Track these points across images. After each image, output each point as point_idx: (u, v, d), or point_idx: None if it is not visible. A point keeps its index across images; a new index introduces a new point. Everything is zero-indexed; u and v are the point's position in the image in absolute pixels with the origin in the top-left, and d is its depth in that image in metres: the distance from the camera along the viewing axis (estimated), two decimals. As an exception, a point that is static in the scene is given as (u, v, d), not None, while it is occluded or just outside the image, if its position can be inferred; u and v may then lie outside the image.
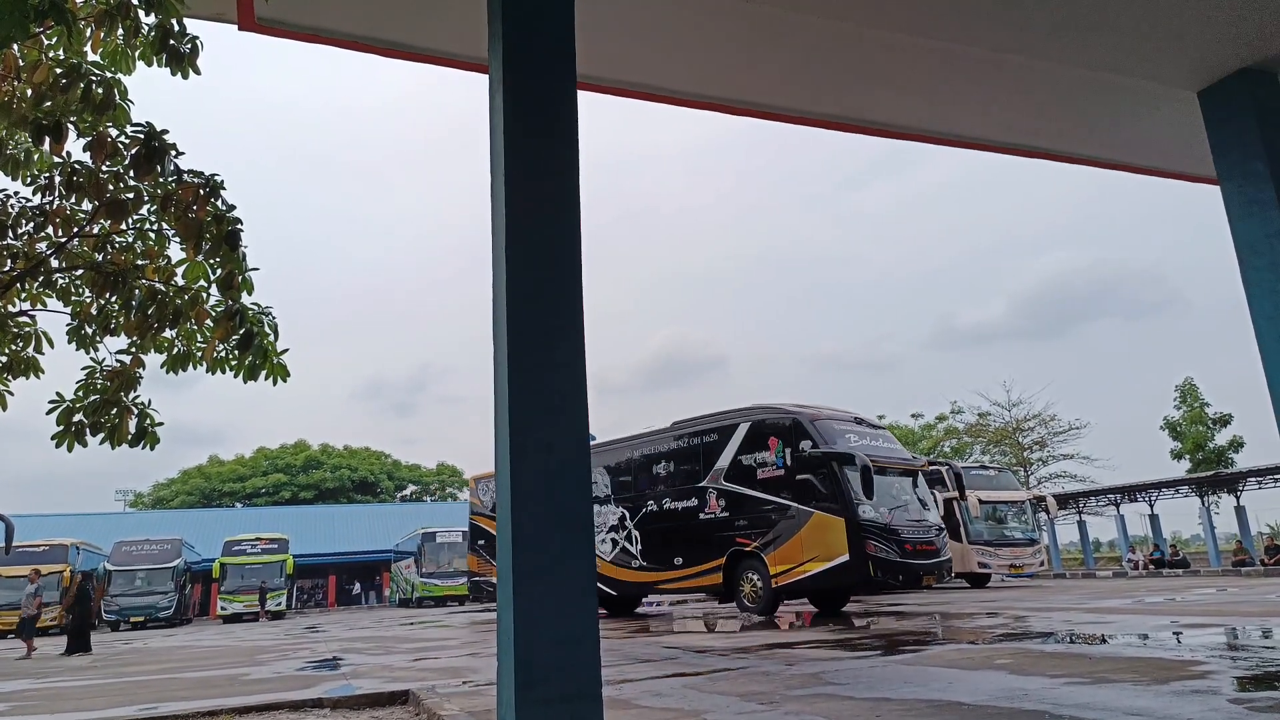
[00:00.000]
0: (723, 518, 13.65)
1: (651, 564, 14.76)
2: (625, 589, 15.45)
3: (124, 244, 5.67)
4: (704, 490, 14.04)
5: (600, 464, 15.94)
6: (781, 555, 12.58)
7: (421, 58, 4.62)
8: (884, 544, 11.95)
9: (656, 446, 15.30)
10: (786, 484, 12.74)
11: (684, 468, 14.65)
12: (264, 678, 8.75)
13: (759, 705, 5.03)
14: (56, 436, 5.14)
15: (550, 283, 3.03)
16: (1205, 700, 4.43)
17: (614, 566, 15.46)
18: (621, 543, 15.40)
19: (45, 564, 28.85)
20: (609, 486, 15.99)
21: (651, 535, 14.90)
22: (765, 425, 13.37)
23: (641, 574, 14.94)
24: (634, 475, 15.60)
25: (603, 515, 15.70)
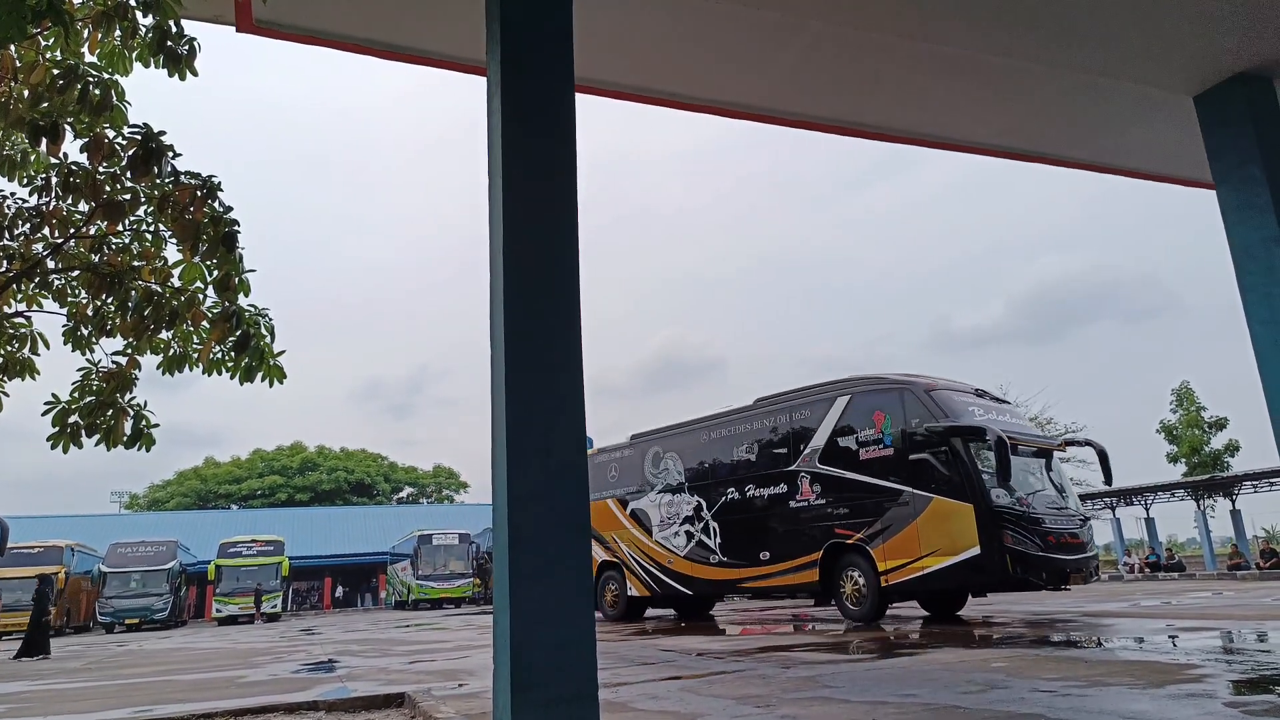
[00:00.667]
0: (818, 506, 11.80)
1: (733, 559, 12.98)
2: (702, 588, 13.74)
3: (120, 245, 5.67)
4: (795, 475, 12.23)
5: (672, 448, 14.60)
6: (892, 549, 10.68)
7: (419, 60, 4.62)
8: (1023, 535, 9.98)
9: (736, 427, 13.53)
10: (897, 465, 10.85)
11: (770, 450, 12.82)
12: (259, 680, 8.73)
13: (754, 708, 5.03)
14: (52, 438, 5.13)
15: (548, 284, 3.03)
16: (1201, 704, 4.43)
17: (688, 562, 13.79)
18: (697, 535, 13.66)
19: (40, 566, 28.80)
20: (682, 473, 14.32)
21: (732, 527, 13.15)
22: (869, 398, 11.55)
23: (721, 571, 13.16)
24: (711, 460, 13.85)
25: (675, 505, 14.22)
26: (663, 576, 14.25)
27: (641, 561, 14.71)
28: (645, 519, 14.79)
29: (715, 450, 13.85)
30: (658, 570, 14.34)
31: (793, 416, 12.64)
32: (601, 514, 15.54)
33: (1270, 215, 4.79)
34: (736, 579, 13.00)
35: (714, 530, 13.42)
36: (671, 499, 14.35)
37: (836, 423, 11.88)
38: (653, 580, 14.44)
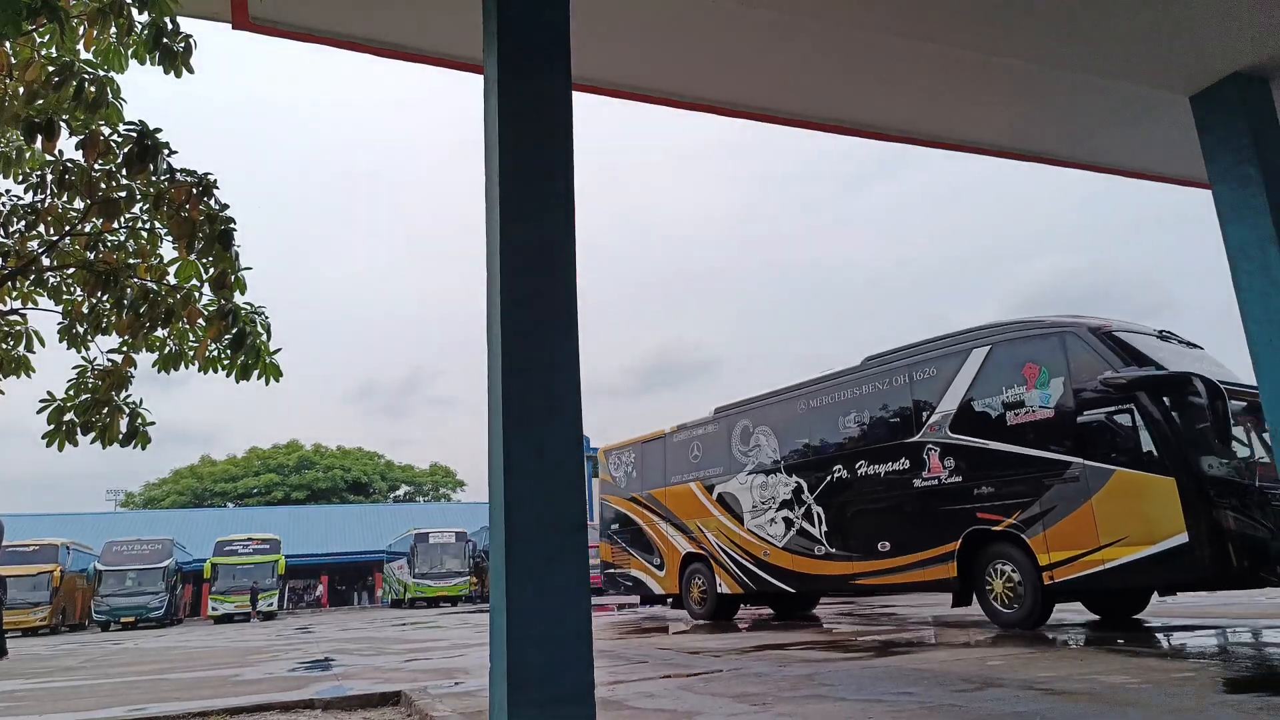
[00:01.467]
0: (952, 484, 9.61)
1: (843, 551, 10.86)
2: (805, 584, 11.68)
3: (116, 243, 5.66)
4: (919, 447, 10.06)
5: (763, 421, 12.62)
6: (1058, 537, 8.45)
7: (416, 58, 4.62)
8: (1249, 516, 7.65)
9: (842, 393, 11.40)
10: (1060, 430, 8.59)
11: (886, 418, 10.71)
12: (255, 678, 8.73)
13: (751, 706, 5.04)
14: (47, 436, 5.12)
15: (544, 284, 3.03)
16: (1197, 701, 4.45)
17: (788, 555, 11.73)
18: (798, 523, 11.57)
19: (36, 564, 28.78)
20: (776, 450, 12.27)
21: (841, 512, 11.07)
22: (1017, 347, 9.27)
23: (828, 564, 11.05)
24: (811, 433, 11.79)
25: (770, 488, 12.19)
26: (758, 571, 12.28)
27: (732, 553, 12.80)
28: (735, 504, 12.90)
29: (816, 422, 11.71)
30: (751, 564, 12.42)
31: (914, 376, 10.37)
32: (684, 499, 14.02)
33: (1266, 215, 4.80)
34: (848, 574, 10.79)
35: (818, 516, 11.33)
36: (765, 481, 12.29)
37: (973, 380, 9.62)
38: (746, 575, 12.53)
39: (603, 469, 16.97)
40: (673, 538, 14.23)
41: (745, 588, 12.61)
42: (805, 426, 11.94)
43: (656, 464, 14.94)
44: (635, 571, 15.31)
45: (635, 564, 15.32)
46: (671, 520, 14.28)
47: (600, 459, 17.08)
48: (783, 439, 12.27)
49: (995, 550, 9.16)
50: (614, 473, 16.53)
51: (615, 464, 16.54)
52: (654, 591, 14.94)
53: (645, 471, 15.23)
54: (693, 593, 13.84)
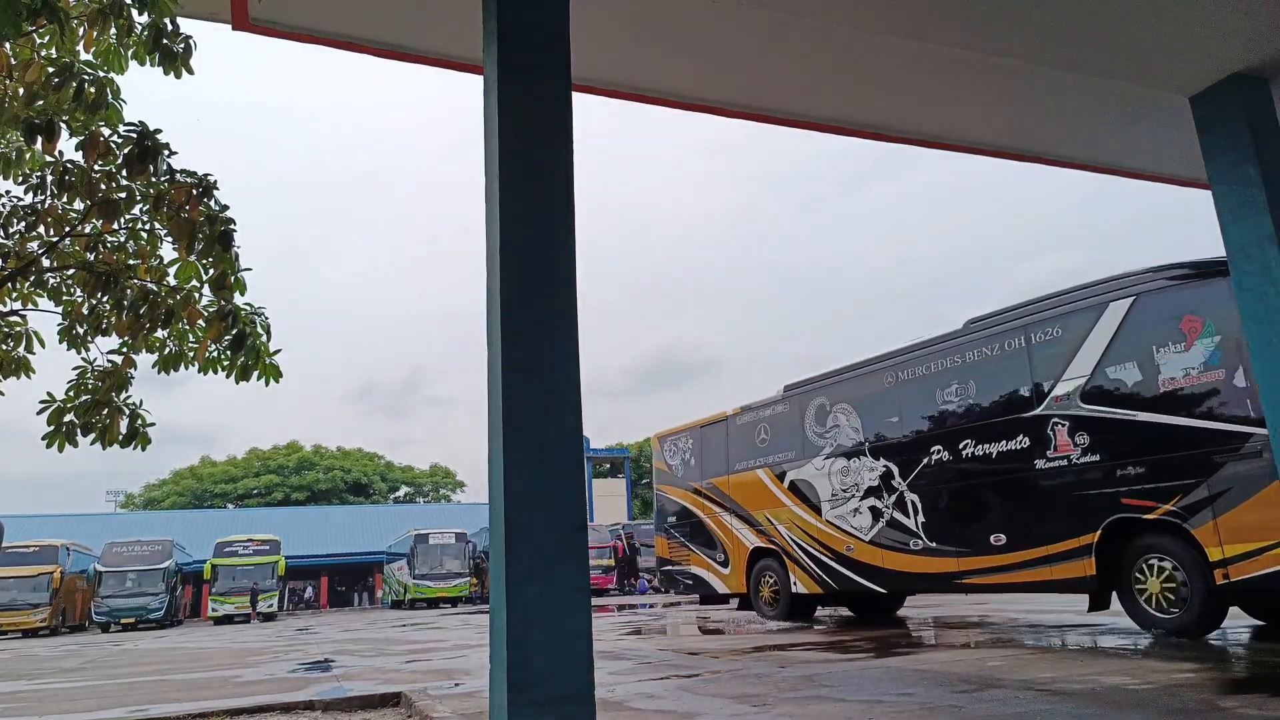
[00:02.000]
0: (1087, 465, 8.11)
1: (946, 544, 9.33)
2: (898, 582, 10.20)
3: (116, 244, 5.65)
4: (1042, 422, 8.54)
5: (843, 398, 11.12)
6: (1234, 526, 7.05)
7: (416, 58, 4.61)
8: None
9: (939, 362, 9.84)
10: (1233, 395, 7.19)
11: (997, 389, 9.13)
12: (255, 679, 8.72)
13: (751, 707, 5.03)
14: (47, 437, 5.11)
15: (544, 284, 3.03)
16: (1197, 702, 4.45)
17: (876, 550, 10.26)
18: (888, 513, 10.11)
19: (36, 565, 28.76)
20: (859, 430, 10.78)
21: (942, 500, 9.56)
22: (1170, 297, 7.81)
23: (927, 560, 9.52)
24: (902, 410, 10.24)
25: (853, 473, 10.73)
26: (839, 568, 10.82)
27: (808, 548, 11.38)
28: (811, 493, 11.44)
29: (908, 397, 10.18)
30: (832, 560, 10.97)
31: (1032, 339, 8.85)
32: (750, 488, 12.59)
33: (1266, 215, 4.79)
34: (952, 572, 9.27)
35: (913, 505, 9.83)
36: (847, 465, 10.83)
37: (1111, 340, 8.16)
38: (825, 573, 11.13)
39: (657, 457, 15.44)
40: (738, 531, 12.89)
41: (824, 586, 11.14)
42: (894, 402, 10.34)
43: (718, 450, 13.50)
44: (696, 568, 13.97)
45: (696, 560, 13.94)
46: (737, 512, 12.94)
47: (654, 446, 15.59)
48: (867, 417, 10.72)
49: (1146, 543, 7.73)
50: (670, 461, 14.88)
51: (671, 451, 14.86)
52: (717, 590, 13.63)
53: (705, 459, 13.83)
54: (763, 592, 12.41)
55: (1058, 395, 8.54)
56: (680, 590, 14.79)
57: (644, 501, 57.93)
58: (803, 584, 11.59)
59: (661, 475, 15.35)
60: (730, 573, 13.17)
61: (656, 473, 15.63)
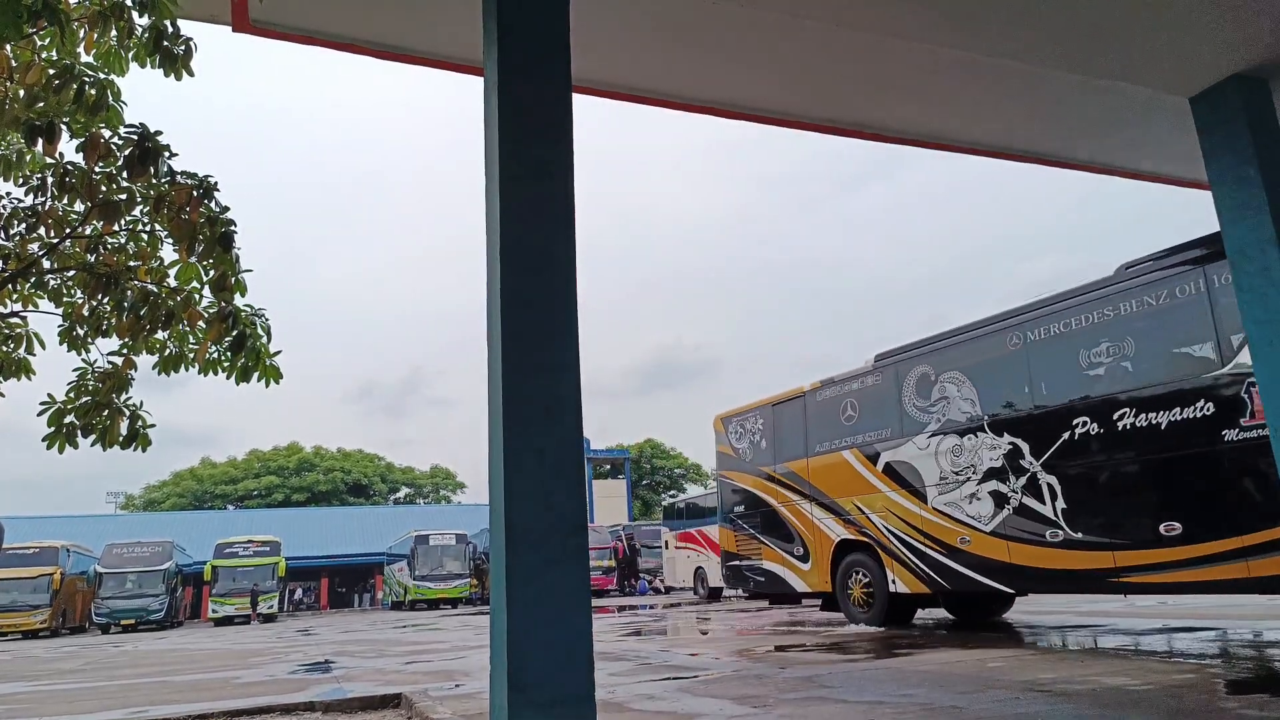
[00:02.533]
0: None
1: (1097, 535, 7.80)
2: (1033, 581, 8.59)
3: (116, 245, 5.66)
4: (1233, 384, 6.95)
5: (953, 366, 9.61)
6: None
7: (416, 60, 4.62)
8: None
9: (1084, 317, 8.34)
10: None
11: (1167, 347, 7.56)
12: (256, 681, 8.72)
13: (752, 709, 5.03)
14: (47, 438, 5.11)
15: (544, 286, 3.03)
16: (1198, 703, 4.44)
17: (1001, 542, 8.71)
18: (1016, 498, 8.62)
19: (36, 566, 28.76)
20: (975, 402, 9.28)
21: (1091, 481, 7.97)
22: None
23: (1073, 555, 7.99)
24: (1033, 375, 8.71)
25: (968, 453, 9.22)
26: (951, 563, 9.28)
27: (910, 540, 9.86)
28: (913, 477, 9.94)
29: (1043, 360, 8.64)
30: (941, 553, 9.41)
31: (1213, 283, 7.24)
32: (835, 472, 11.15)
33: (1266, 216, 4.80)
34: (1108, 568, 7.72)
35: (1050, 489, 8.33)
36: (960, 444, 9.36)
37: None
38: (932, 569, 9.53)
39: (720, 440, 13.92)
40: (821, 522, 11.41)
41: (932, 584, 9.57)
42: (1023, 368, 8.82)
43: (794, 430, 12.10)
44: (769, 564, 12.45)
45: (768, 554, 12.46)
46: (819, 499, 11.47)
47: (716, 428, 14.08)
48: (986, 387, 9.22)
49: None
50: (736, 444, 13.40)
51: (737, 433, 13.39)
52: (795, 588, 12.07)
53: (779, 440, 12.41)
54: (853, 591, 10.89)
55: None
56: (751, 589, 13.11)
57: (644, 503, 57.94)
58: (904, 582, 9.95)
59: (726, 460, 13.82)
60: (811, 569, 11.59)
61: (719, 457, 14.12)
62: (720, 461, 14.06)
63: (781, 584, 12.24)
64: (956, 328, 9.84)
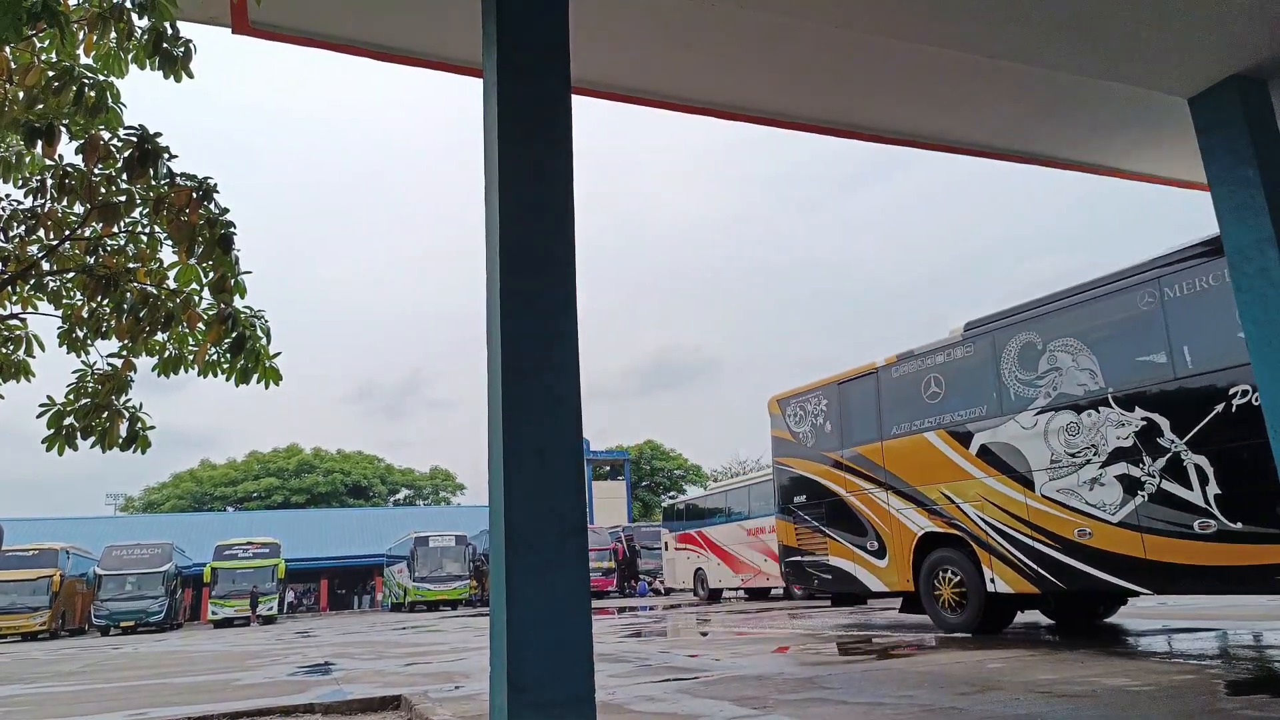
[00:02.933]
0: None
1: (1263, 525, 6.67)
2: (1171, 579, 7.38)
3: (116, 247, 5.66)
4: None
5: (1063, 333, 8.37)
6: None
7: (415, 61, 4.62)
8: None
9: None
10: None
11: None
12: (255, 683, 8.71)
13: (752, 710, 5.03)
14: (47, 440, 5.12)
15: (544, 287, 3.04)
16: (1199, 703, 4.44)
17: (1132, 534, 7.58)
18: (1152, 483, 7.41)
19: (36, 568, 28.74)
20: (1096, 372, 8.04)
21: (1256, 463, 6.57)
22: None
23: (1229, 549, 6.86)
24: (1175, 339, 7.43)
25: (1087, 431, 7.97)
26: (1068, 559, 8.04)
27: (1013, 533, 8.62)
28: (1015, 460, 8.70)
29: (1185, 320, 7.40)
30: (1054, 548, 8.19)
31: None
32: (917, 457, 9.94)
33: (1265, 217, 4.80)
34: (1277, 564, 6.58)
35: (1199, 472, 7.12)
36: (1076, 421, 8.13)
37: None
38: (1043, 565, 8.27)
39: (776, 424, 12.80)
40: (900, 513, 10.17)
41: (1042, 584, 8.33)
42: (1159, 330, 7.58)
43: (865, 411, 10.93)
44: (836, 560, 11.19)
45: (836, 549, 11.22)
46: (896, 488, 10.24)
47: (772, 411, 12.95)
48: (1110, 354, 8.01)
49: None
50: (795, 428, 12.25)
51: (795, 416, 12.25)
52: (869, 587, 10.76)
53: (847, 422, 11.28)
54: (940, 591, 9.59)
55: None
56: (815, 587, 11.90)
57: (644, 504, 57.93)
58: (1005, 581, 8.69)
59: (783, 446, 12.55)
60: (888, 565, 10.29)
61: (775, 443, 12.82)
62: (776, 447, 12.82)
63: (851, 582, 10.95)
64: (1070, 288, 8.55)
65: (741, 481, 25.35)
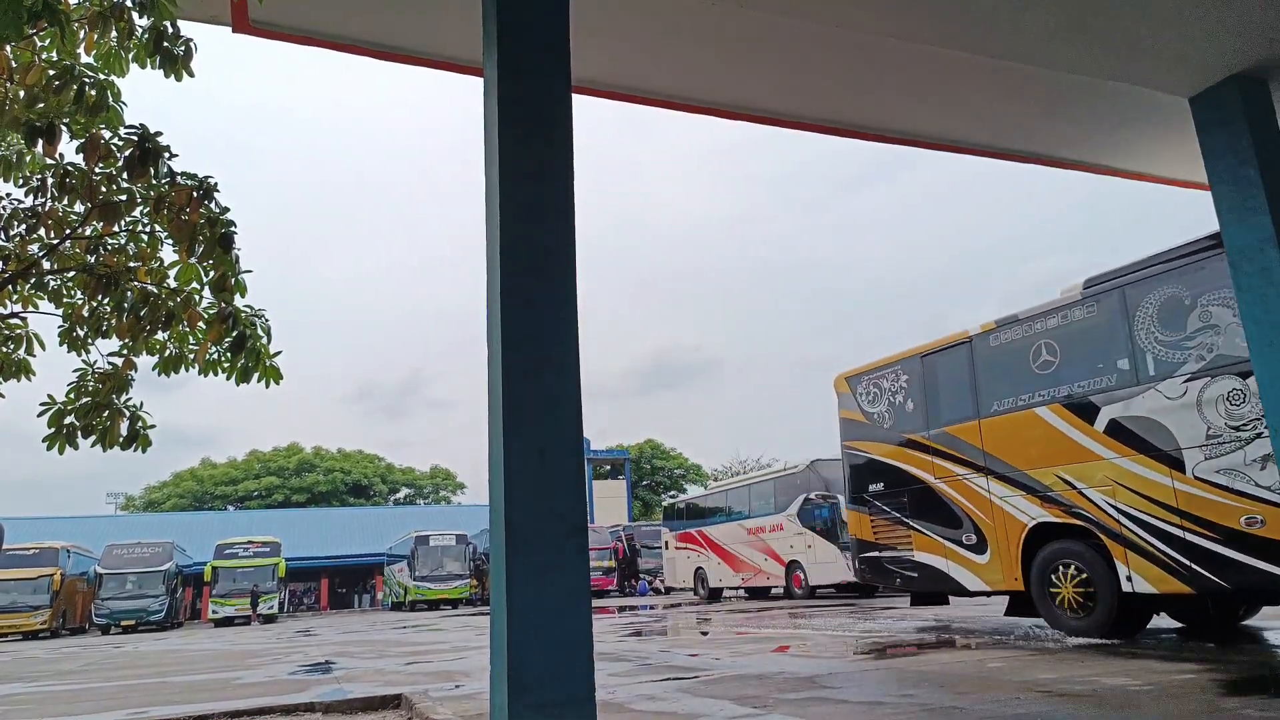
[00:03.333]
0: None
1: None
2: None
3: (116, 246, 5.66)
4: None
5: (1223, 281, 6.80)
6: None
7: (416, 60, 4.62)
8: None
9: None
10: None
11: None
12: (256, 682, 8.72)
13: (753, 709, 5.03)
14: (48, 439, 5.12)
15: (544, 286, 3.04)
16: (1196, 702, 4.44)
17: None
18: None
19: (36, 567, 28.76)
20: None
21: None
22: None
23: None
24: None
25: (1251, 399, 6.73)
26: (1231, 552, 6.86)
27: (1156, 521, 7.39)
28: (1157, 436, 7.45)
29: None
30: (1213, 539, 6.99)
31: None
32: (1024, 436, 8.77)
33: (1265, 216, 4.80)
34: None
35: None
36: (1240, 389, 6.82)
37: None
38: (1198, 559, 7.08)
39: (845, 404, 11.52)
40: (1004, 500, 8.85)
41: (1197, 582, 7.09)
42: None
43: (957, 386, 9.61)
44: (923, 555, 9.87)
45: (922, 543, 9.91)
46: (999, 471, 8.93)
47: (839, 390, 11.65)
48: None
49: None
50: (868, 407, 11.01)
51: (869, 394, 11.00)
52: (964, 585, 9.34)
53: (934, 399, 9.95)
54: (1061, 591, 8.27)
55: None
56: (898, 585, 10.45)
57: (644, 503, 57.94)
58: (1146, 578, 7.47)
59: (854, 428, 11.27)
60: (990, 561, 8.96)
61: (844, 425, 11.52)
62: (845, 430, 11.47)
63: (942, 580, 9.60)
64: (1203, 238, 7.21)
65: (742, 481, 25.37)
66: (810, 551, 19.74)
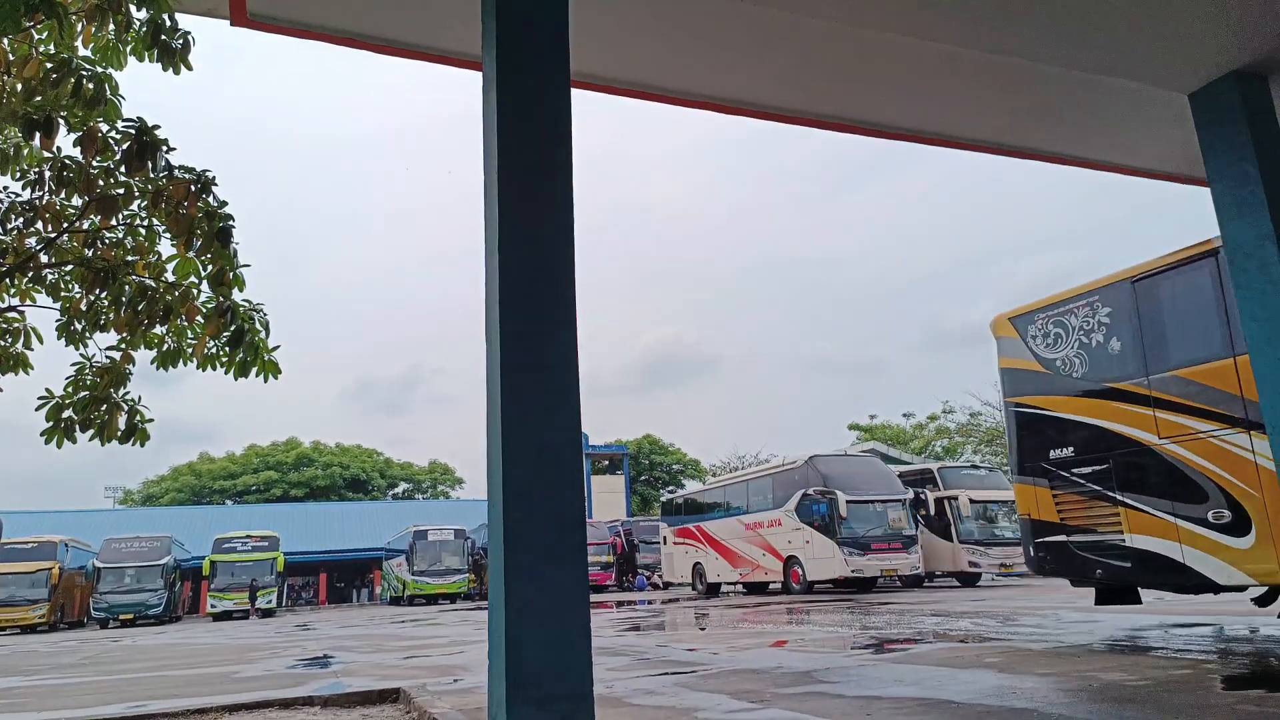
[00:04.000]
0: None
1: None
2: None
3: (114, 240, 5.65)
4: None
5: None
6: None
7: (414, 54, 4.61)
8: None
9: None
10: None
11: None
12: (254, 675, 8.73)
13: (750, 703, 5.04)
14: (46, 433, 5.12)
15: (543, 282, 3.03)
16: (1194, 698, 4.46)
17: None
18: None
19: (35, 561, 28.78)
20: None
21: None
22: None
23: None
24: None
25: None
26: None
27: None
28: None
29: None
30: None
31: None
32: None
33: (1264, 212, 4.80)
34: None
35: None
36: None
37: None
38: None
39: (1007, 350, 9.34)
40: None
41: None
42: None
43: (1196, 315, 7.54)
44: (1141, 539, 7.72)
45: (1139, 523, 7.74)
46: None
47: (1000, 333, 9.49)
48: None
49: None
50: (1044, 353, 8.89)
51: (1048, 337, 8.89)
52: (1211, 577, 7.14)
53: (1155, 336, 7.83)
54: None
55: None
56: (1098, 577, 8.19)
57: (642, 498, 58.01)
58: None
59: (1025, 380, 9.08)
60: (1255, 545, 6.79)
61: (1009, 378, 9.33)
62: (1010, 384, 9.31)
63: (1174, 571, 7.44)
64: None
65: (740, 476, 25.40)
66: (808, 547, 19.76)
